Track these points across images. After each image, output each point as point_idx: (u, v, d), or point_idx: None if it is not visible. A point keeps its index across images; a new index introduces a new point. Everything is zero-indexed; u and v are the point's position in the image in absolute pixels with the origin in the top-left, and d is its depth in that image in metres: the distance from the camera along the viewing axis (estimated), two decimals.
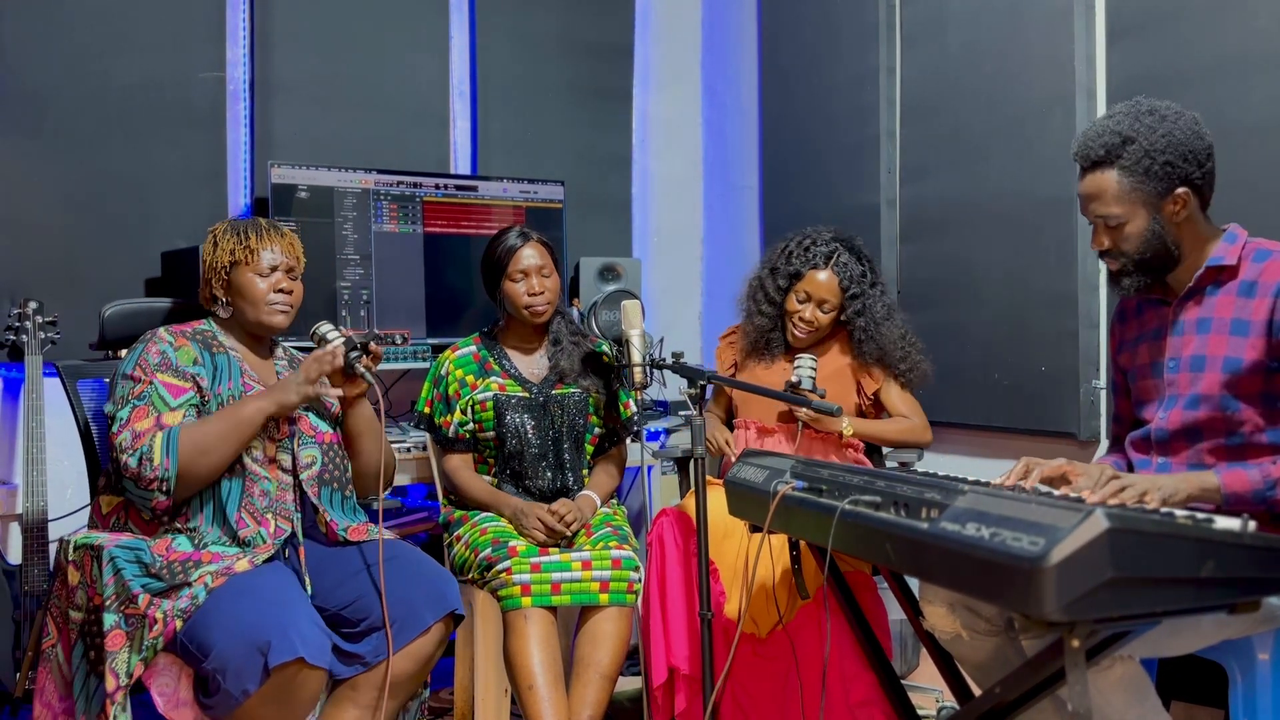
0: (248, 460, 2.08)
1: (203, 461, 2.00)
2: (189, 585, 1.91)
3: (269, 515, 2.09)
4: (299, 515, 2.14)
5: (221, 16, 3.12)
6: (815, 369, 2.51)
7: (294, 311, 2.20)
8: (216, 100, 3.12)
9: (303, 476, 2.16)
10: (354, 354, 2.11)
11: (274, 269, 2.15)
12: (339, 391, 2.14)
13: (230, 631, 1.83)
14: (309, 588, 2.07)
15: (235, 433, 2.04)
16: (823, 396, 2.46)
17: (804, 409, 2.45)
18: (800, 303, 2.61)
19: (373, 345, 2.14)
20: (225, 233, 2.17)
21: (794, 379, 2.50)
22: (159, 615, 1.88)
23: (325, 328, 2.20)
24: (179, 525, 2.04)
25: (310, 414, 2.20)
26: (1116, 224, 1.85)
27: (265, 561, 2.02)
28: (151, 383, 2.05)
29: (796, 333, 2.63)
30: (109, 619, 1.89)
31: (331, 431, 2.23)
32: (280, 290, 2.15)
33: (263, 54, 3.18)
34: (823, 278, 2.58)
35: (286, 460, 2.14)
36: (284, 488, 2.13)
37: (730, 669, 2.33)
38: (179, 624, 1.88)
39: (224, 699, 1.83)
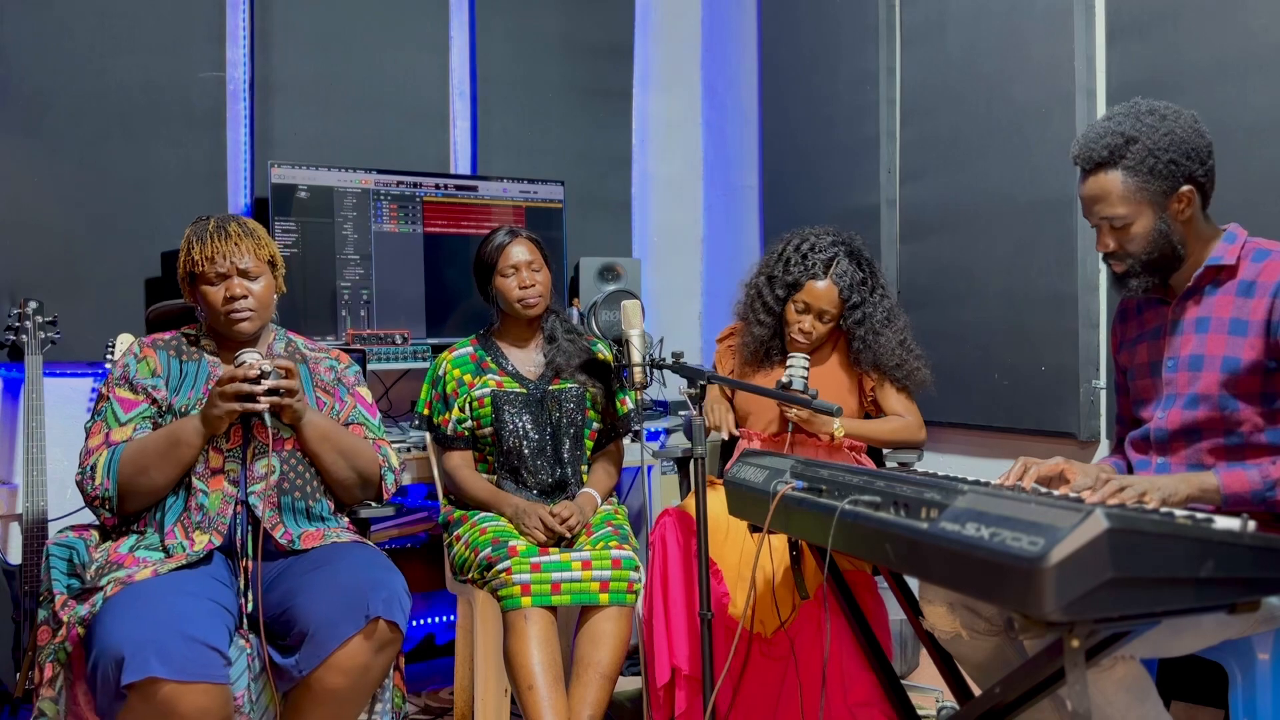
0: (191, 476, 2.05)
1: (142, 481, 2.00)
2: (100, 590, 1.88)
3: (198, 532, 2.03)
4: (248, 527, 2.07)
5: (221, 16, 3.12)
6: (807, 369, 2.46)
7: (260, 313, 2.13)
8: (216, 100, 3.12)
9: (255, 488, 2.09)
10: (256, 395, 1.99)
11: (224, 275, 2.09)
12: (263, 406, 2.02)
13: (102, 646, 1.76)
14: (248, 599, 2.00)
15: (174, 453, 2.01)
16: (814, 397, 2.44)
17: (793, 410, 2.44)
18: (799, 313, 2.57)
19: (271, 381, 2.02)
20: (193, 234, 2.13)
21: (784, 379, 2.45)
22: (65, 618, 1.87)
23: (244, 355, 2.07)
24: (137, 527, 2.05)
25: (271, 417, 2.07)
26: (1122, 225, 1.84)
27: (182, 568, 1.96)
28: (108, 398, 2.07)
29: (796, 343, 2.60)
30: (41, 613, 1.92)
31: (290, 437, 2.15)
32: (233, 297, 2.09)
33: (263, 54, 3.18)
34: (822, 288, 2.54)
35: (236, 470, 2.08)
36: (226, 500, 2.07)
37: (732, 669, 2.33)
38: (80, 630, 1.85)
39: (104, 714, 1.78)
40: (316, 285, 3.03)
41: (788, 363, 2.48)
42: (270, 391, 2.02)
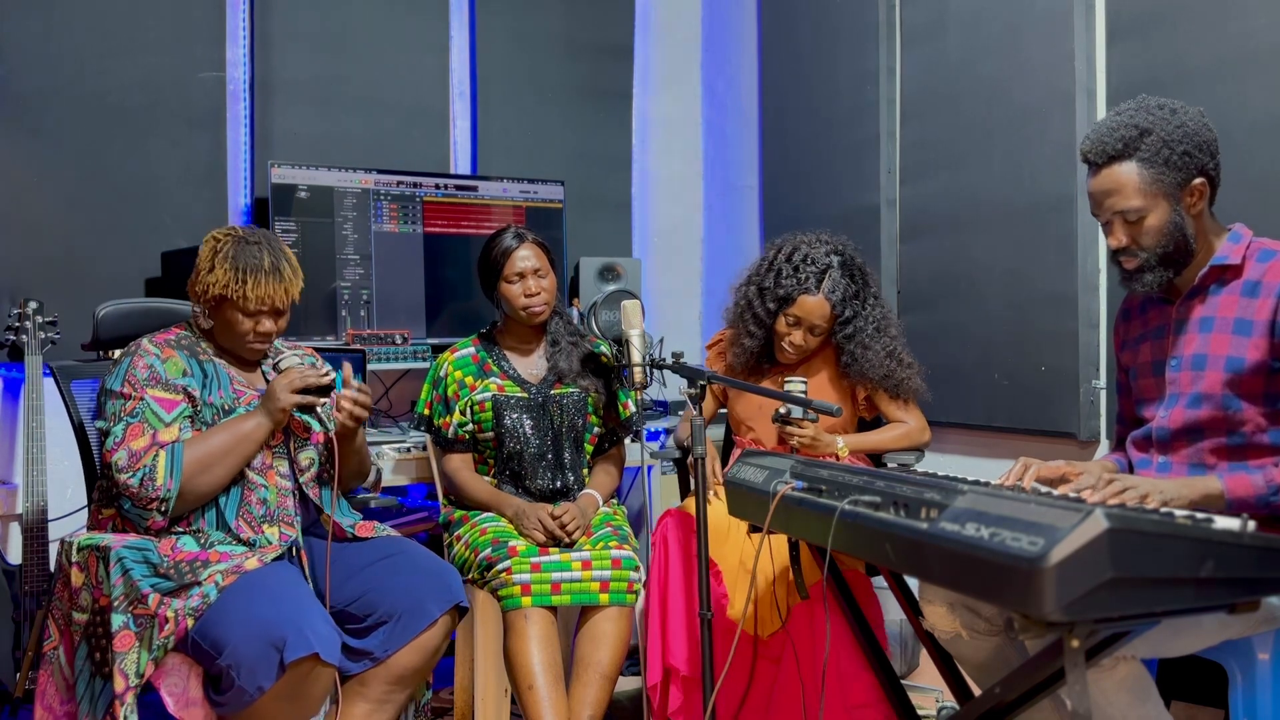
0: (247, 470, 2.08)
1: (204, 479, 2.01)
2: (199, 584, 1.91)
3: (266, 525, 2.08)
4: (299, 518, 2.15)
5: (221, 16, 3.13)
6: (804, 392, 2.40)
7: (271, 343, 2.18)
8: (216, 100, 3.12)
9: (303, 479, 2.17)
10: (320, 396, 2.10)
11: (260, 312, 2.10)
12: (324, 400, 2.12)
13: (244, 628, 1.83)
14: (314, 587, 2.08)
15: (239, 448, 2.04)
16: (815, 420, 2.42)
17: (795, 438, 2.41)
18: (790, 325, 2.53)
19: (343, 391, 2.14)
20: (225, 257, 2.07)
21: (783, 409, 2.40)
22: (170, 614, 1.88)
23: (288, 358, 2.16)
24: (181, 528, 2.04)
25: (303, 415, 2.19)
26: (1137, 218, 1.83)
27: (274, 560, 2.03)
28: (143, 399, 2.03)
29: (785, 354, 2.58)
30: (117, 620, 1.89)
31: (321, 432, 2.22)
32: (261, 331, 2.12)
33: (263, 54, 3.18)
34: (813, 302, 2.49)
35: (284, 466, 2.15)
36: (284, 494, 2.13)
37: (736, 671, 2.33)
38: (190, 622, 1.88)
39: (237, 696, 1.84)
40: (316, 285, 3.03)
41: (785, 389, 2.39)
42: (322, 393, 2.10)
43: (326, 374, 2.11)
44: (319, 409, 2.11)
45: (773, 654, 2.36)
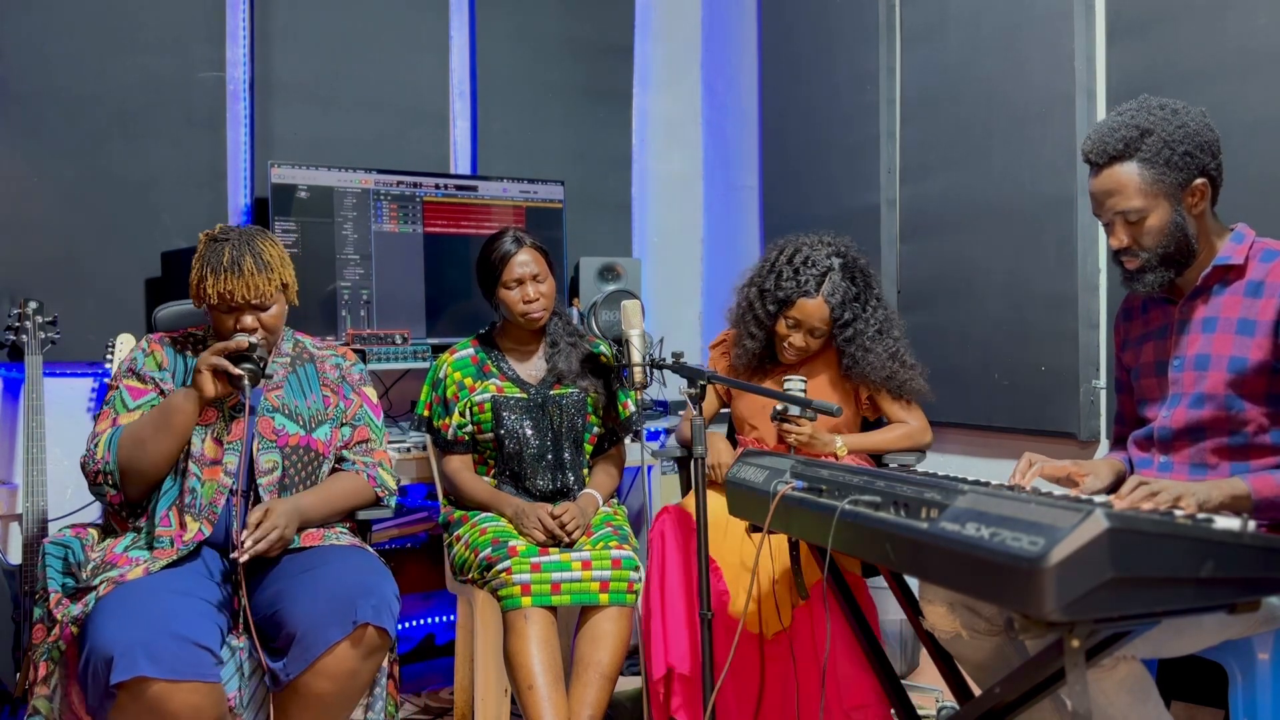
0: (189, 462, 2.07)
1: (139, 452, 2.02)
2: (93, 589, 1.89)
3: (189, 517, 2.05)
4: (238, 521, 2.05)
5: (221, 16, 3.12)
6: (804, 391, 2.42)
7: (271, 336, 2.17)
8: (216, 100, 3.12)
9: (262, 481, 2.12)
10: (244, 363, 2.02)
11: (237, 309, 2.10)
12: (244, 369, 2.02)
13: (93, 645, 1.77)
14: (239, 598, 1.98)
15: (168, 420, 2.03)
16: (813, 419, 2.42)
17: (793, 435, 2.41)
18: (789, 328, 2.54)
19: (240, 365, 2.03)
20: (197, 258, 2.10)
21: (779, 407, 2.40)
22: (60, 617, 1.89)
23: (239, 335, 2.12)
24: (135, 523, 2.07)
25: (278, 415, 2.16)
26: (1138, 218, 1.83)
27: (171, 565, 1.97)
28: (118, 388, 2.12)
29: (785, 355, 2.59)
30: (36, 611, 1.94)
31: (300, 434, 2.18)
32: (242, 328, 2.11)
33: (263, 54, 3.18)
34: (813, 305, 2.50)
35: (233, 463, 2.09)
36: (220, 490, 2.08)
37: (740, 670, 2.32)
38: (74, 630, 1.86)
39: (94, 713, 1.79)
40: (316, 285, 3.03)
41: (785, 386, 2.41)
42: (245, 361, 2.02)
43: (243, 342, 2.04)
44: (243, 378, 2.00)
45: (775, 653, 2.36)
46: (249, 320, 2.11)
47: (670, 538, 2.45)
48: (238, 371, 2.01)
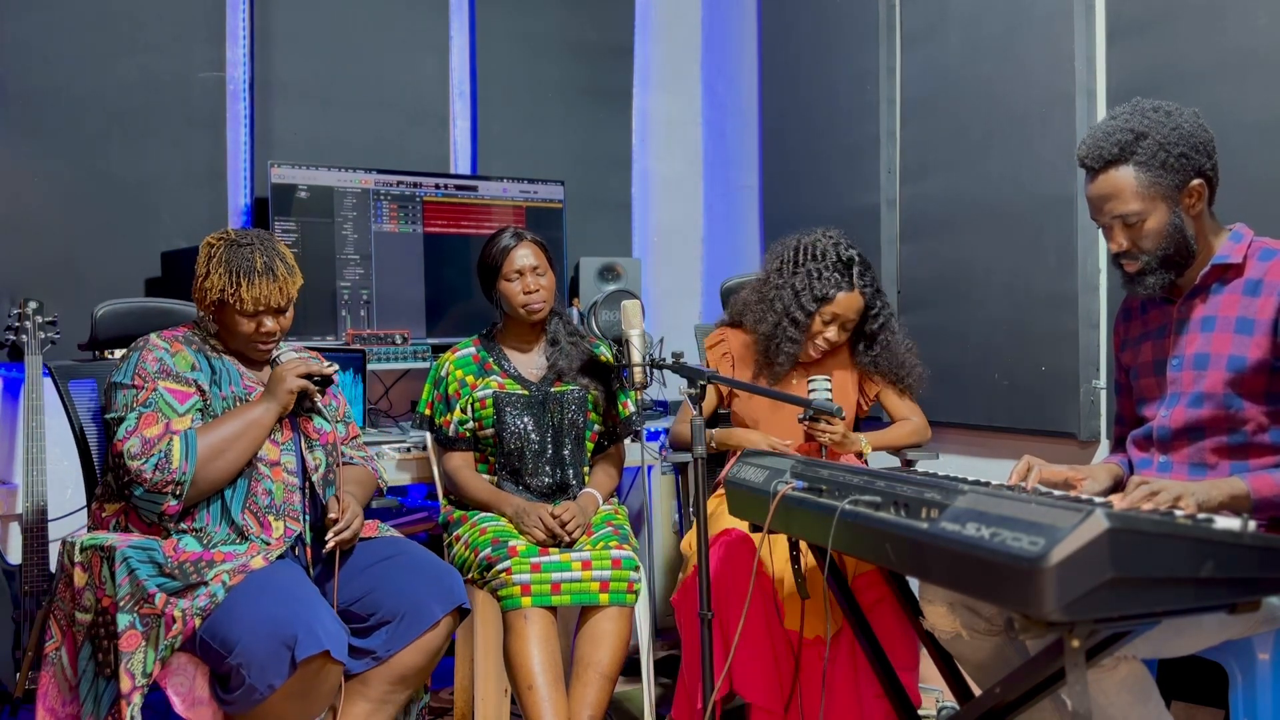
0: (255, 463, 2.09)
1: (217, 464, 2.02)
2: (205, 583, 1.92)
3: (272, 517, 2.09)
4: (307, 516, 2.16)
5: (221, 16, 3.13)
6: (830, 389, 2.45)
7: (279, 340, 2.19)
8: (216, 100, 3.12)
9: (314, 478, 2.18)
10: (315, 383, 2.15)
11: (259, 312, 2.11)
12: (325, 392, 2.20)
13: (255, 627, 1.85)
14: (326, 587, 2.10)
15: (248, 433, 2.06)
16: (843, 418, 2.42)
17: (825, 434, 2.41)
18: (825, 323, 2.55)
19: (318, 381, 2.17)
20: (219, 262, 2.08)
21: (811, 410, 2.37)
22: (177, 614, 1.89)
23: (289, 352, 2.21)
24: (184, 526, 2.04)
25: (316, 417, 2.22)
26: (1136, 221, 1.83)
27: (278, 559, 2.04)
28: (155, 390, 2.05)
29: (813, 352, 2.59)
30: (123, 619, 1.89)
31: (332, 431, 2.24)
32: (267, 333, 2.13)
33: (263, 54, 3.18)
34: (850, 297, 2.52)
35: (292, 463, 2.15)
36: (290, 489, 2.14)
37: (767, 657, 2.28)
38: (198, 622, 1.90)
39: (246, 694, 1.85)
40: (316, 285, 3.03)
41: (810, 387, 2.44)
42: (325, 382, 2.17)
43: (330, 365, 2.16)
44: (318, 401, 2.16)
45: (813, 657, 2.31)
46: (270, 323, 2.12)
47: (736, 565, 2.31)
48: (323, 396, 2.17)
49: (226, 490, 2.06)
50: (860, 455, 2.53)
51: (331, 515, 2.12)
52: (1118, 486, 1.99)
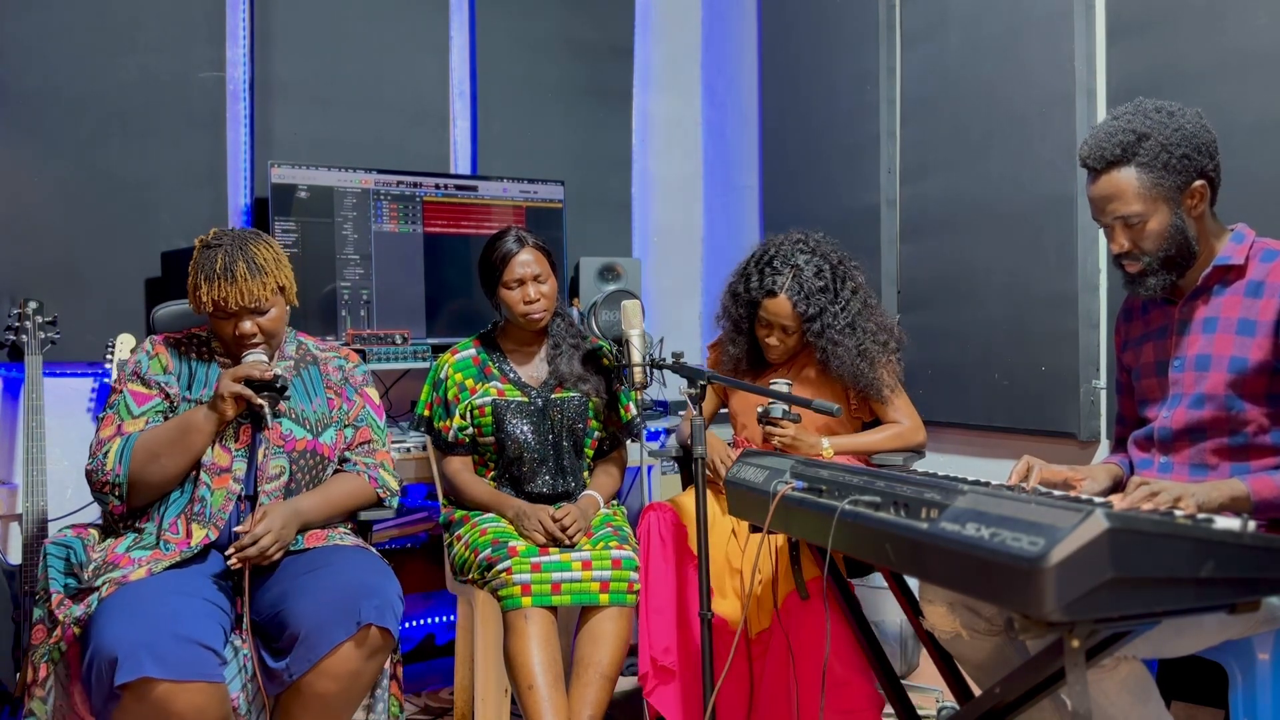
0: (200, 470, 2.07)
1: (153, 468, 2.01)
2: (96, 590, 1.90)
3: (197, 524, 2.05)
4: (234, 524, 2.07)
5: (221, 16, 3.12)
6: (789, 390, 2.39)
7: (272, 339, 2.16)
8: (216, 100, 3.12)
9: (267, 487, 2.11)
10: (265, 390, 2.05)
11: (239, 315, 2.09)
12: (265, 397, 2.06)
13: (97, 646, 1.77)
14: (243, 598, 1.99)
15: (185, 439, 2.03)
16: (796, 421, 2.42)
17: (776, 437, 2.39)
18: (763, 327, 2.56)
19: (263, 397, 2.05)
20: (193, 264, 2.08)
21: (761, 409, 2.40)
22: (62, 618, 1.88)
23: (251, 354, 2.12)
24: (135, 524, 2.06)
25: (285, 420, 2.17)
26: (1138, 222, 1.83)
27: (174, 567, 1.97)
28: (122, 392, 2.10)
29: (770, 355, 2.60)
30: (37, 611, 1.93)
31: (307, 438, 2.18)
32: (240, 333, 2.10)
33: (263, 54, 3.18)
34: (775, 303, 2.50)
35: (242, 470, 2.10)
36: (229, 497, 2.08)
37: (728, 671, 2.31)
38: (75, 630, 1.87)
39: (98, 713, 1.79)
40: (316, 285, 3.03)
41: (770, 386, 2.39)
42: (266, 388, 2.04)
43: (268, 371, 2.05)
44: (266, 407, 2.04)
45: (758, 652, 2.35)
46: (247, 325, 2.10)
47: (656, 534, 2.45)
48: (260, 402, 2.03)
49: (175, 493, 2.06)
50: (822, 459, 2.46)
51: (239, 528, 2.01)
52: (1117, 487, 1.99)
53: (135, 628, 1.77)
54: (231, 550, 1.99)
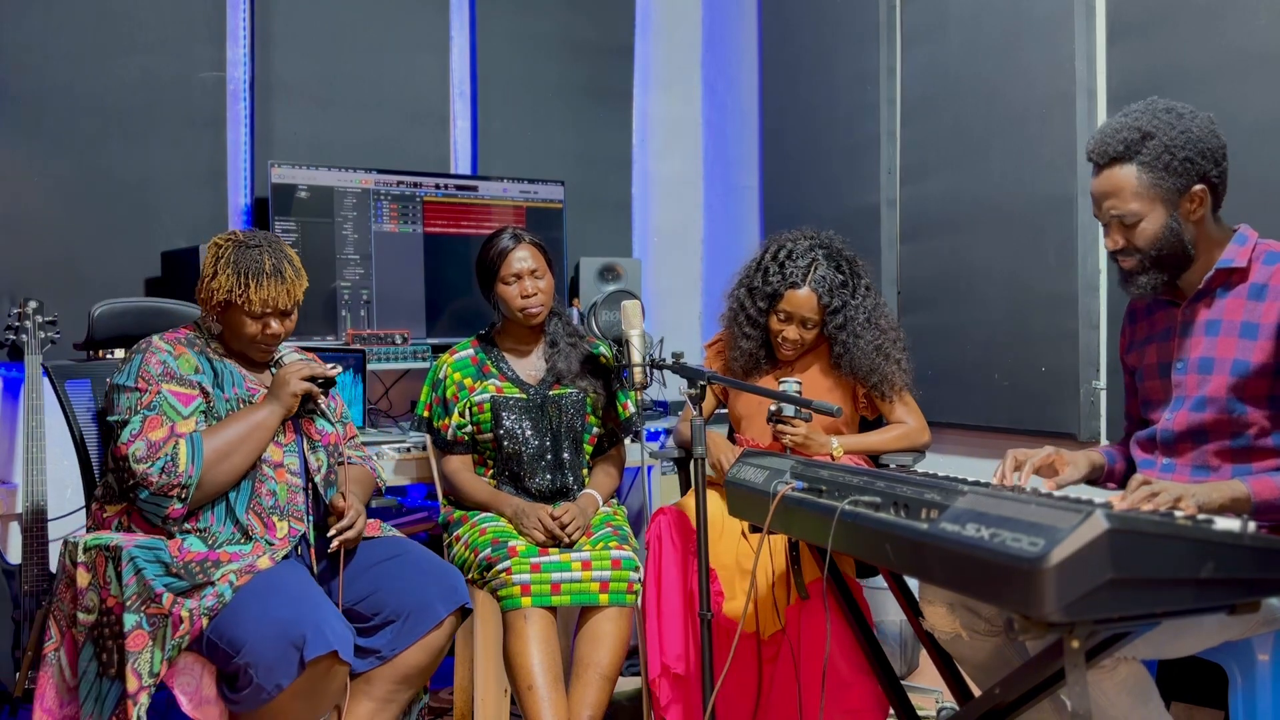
0: (259, 464, 2.09)
1: (223, 467, 2.02)
2: (212, 584, 1.93)
3: (276, 517, 2.09)
4: (310, 517, 2.16)
5: (221, 16, 3.12)
6: (800, 394, 2.39)
7: (279, 344, 2.21)
8: (216, 100, 3.12)
9: (316, 479, 2.18)
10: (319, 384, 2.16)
11: (266, 314, 2.11)
12: (327, 394, 2.22)
13: (262, 627, 1.86)
14: (330, 586, 2.13)
15: (253, 435, 2.07)
16: (808, 420, 2.42)
17: (787, 436, 2.40)
18: (782, 322, 2.54)
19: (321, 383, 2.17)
20: (227, 262, 2.07)
21: (774, 408, 2.40)
22: (184, 614, 1.89)
23: (288, 356, 2.23)
24: (189, 527, 2.03)
25: (319, 418, 2.22)
26: (1133, 221, 1.83)
27: (283, 559, 2.06)
28: (159, 392, 2.04)
29: (783, 351, 2.59)
30: (130, 619, 1.90)
31: (334, 433, 2.25)
32: (269, 333, 2.12)
33: (263, 54, 3.18)
34: (802, 295, 2.50)
35: (295, 464, 2.15)
36: (293, 490, 2.14)
37: (737, 671, 2.32)
38: (205, 622, 1.90)
39: (254, 694, 1.86)
40: (316, 285, 3.01)
41: (780, 388, 2.39)
42: (328, 384, 2.18)
43: (332, 367, 2.18)
44: (321, 402, 2.18)
45: (770, 654, 2.36)
46: (275, 325, 2.13)
47: (667, 538, 2.45)
48: (325, 398, 2.19)
49: (231, 492, 2.06)
50: (832, 458, 2.48)
51: (335, 515, 2.14)
52: (1095, 474, 2.00)
53: (302, 608, 1.90)
54: (333, 532, 2.12)
